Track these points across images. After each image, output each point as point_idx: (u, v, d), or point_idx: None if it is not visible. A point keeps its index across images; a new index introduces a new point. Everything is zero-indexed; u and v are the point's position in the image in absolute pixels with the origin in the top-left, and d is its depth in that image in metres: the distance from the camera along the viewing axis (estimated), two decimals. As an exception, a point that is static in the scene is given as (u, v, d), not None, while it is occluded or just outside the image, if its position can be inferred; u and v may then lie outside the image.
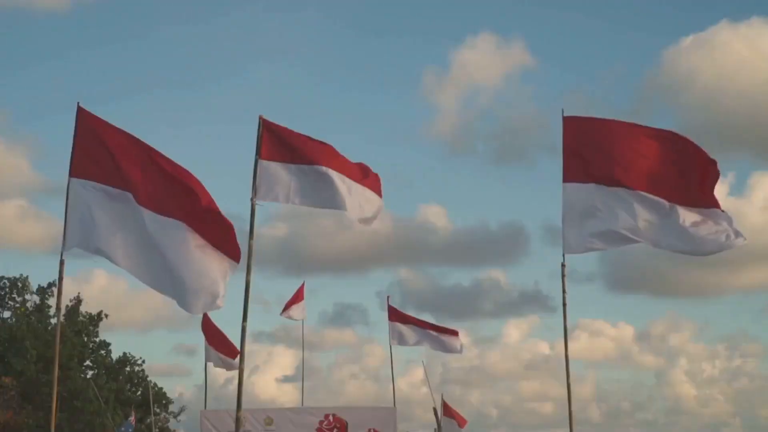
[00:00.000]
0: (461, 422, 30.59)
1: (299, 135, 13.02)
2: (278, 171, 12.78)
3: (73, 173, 12.91)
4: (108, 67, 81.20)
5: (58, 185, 13.32)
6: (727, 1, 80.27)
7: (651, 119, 71.47)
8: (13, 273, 43.76)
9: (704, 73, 68.36)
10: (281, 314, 30.00)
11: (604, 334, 70.22)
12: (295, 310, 30.06)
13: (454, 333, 28.80)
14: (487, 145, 78.46)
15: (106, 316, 42.24)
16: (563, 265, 13.57)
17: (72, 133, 12.99)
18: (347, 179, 12.96)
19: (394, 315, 28.97)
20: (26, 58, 79.38)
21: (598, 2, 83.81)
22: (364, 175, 13.33)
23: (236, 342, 24.01)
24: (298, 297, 30.05)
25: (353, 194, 12.97)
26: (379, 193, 13.52)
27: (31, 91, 78.96)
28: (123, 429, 29.93)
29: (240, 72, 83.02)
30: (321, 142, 13.05)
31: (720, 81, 67.11)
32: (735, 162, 76.25)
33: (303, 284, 30.34)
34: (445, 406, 30.43)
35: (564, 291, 13.57)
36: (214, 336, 27.82)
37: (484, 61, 76.55)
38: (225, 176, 70.81)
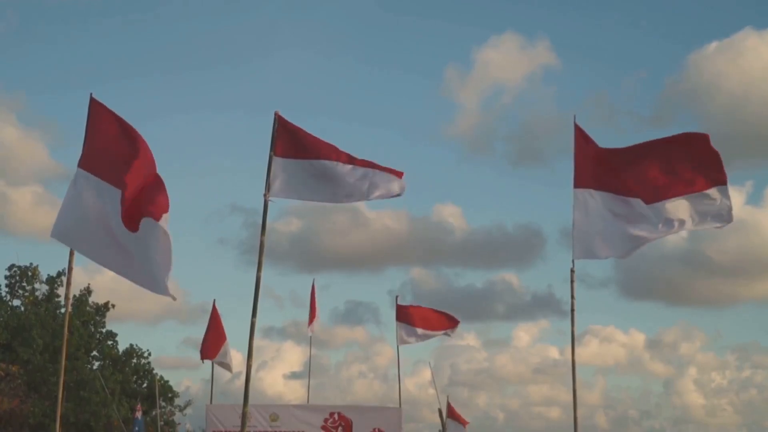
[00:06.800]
0: (462, 423, 30.62)
1: (312, 135, 12.91)
2: (291, 168, 12.71)
3: (80, 164, 12.74)
4: (126, 52, 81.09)
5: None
6: (751, 8, 79.87)
7: (673, 125, 71.38)
8: (25, 260, 43.93)
9: (728, 80, 68.02)
10: (309, 333, 30.18)
11: (615, 341, 70.03)
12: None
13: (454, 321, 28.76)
14: (506, 146, 78.24)
15: (113, 306, 42.40)
16: (572, 271, 13.56)
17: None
18: (359, 167, 12.67)
19: (402, 314, 28.95)
20: (48, 42, 79.32)
21: (623, 6, 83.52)
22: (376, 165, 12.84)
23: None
24: (314, 306, 30.00)
25: (366, 178, 12.63)
26: (399, 175, 12.86)
27: (52, 76, 78.99)
28: (136, 429, 29.76)
29: (258, 64, 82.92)
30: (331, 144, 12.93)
31: (744, 88, 66.76)
32: (756, 170, 76.01)
33: (314, 287, 30.34)
34: (450, 407, 30.44)
35: (572, 297, 13.53)
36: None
37: (508, 60, 76.18)
38: (240, 171, 71.06)
